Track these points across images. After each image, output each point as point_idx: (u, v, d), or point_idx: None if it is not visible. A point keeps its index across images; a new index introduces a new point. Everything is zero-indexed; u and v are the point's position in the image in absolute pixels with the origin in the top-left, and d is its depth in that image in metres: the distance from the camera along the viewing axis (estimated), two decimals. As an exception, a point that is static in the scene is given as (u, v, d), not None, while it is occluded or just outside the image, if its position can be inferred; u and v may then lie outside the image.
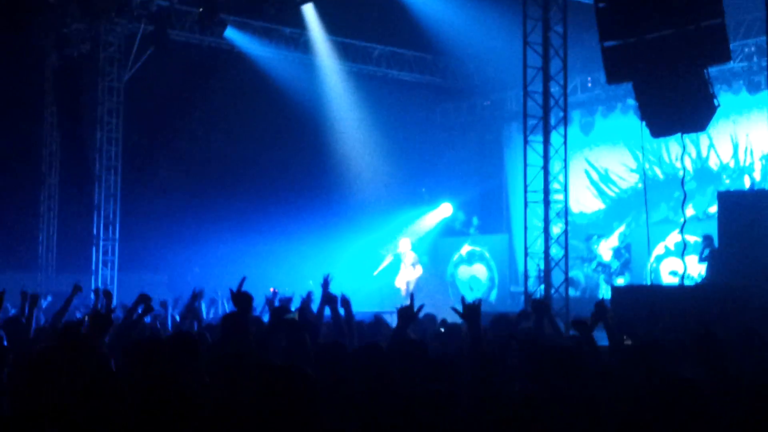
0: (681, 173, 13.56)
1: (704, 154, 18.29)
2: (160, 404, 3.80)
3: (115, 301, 9.33)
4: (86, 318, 7.73)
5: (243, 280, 5.28)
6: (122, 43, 19.08)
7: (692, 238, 15.89)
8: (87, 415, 3.94)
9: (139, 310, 7.36)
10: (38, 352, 5.34)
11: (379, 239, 21.98)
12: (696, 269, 15.50)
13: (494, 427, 3.92)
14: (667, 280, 16.64)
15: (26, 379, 4.75)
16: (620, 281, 17.26)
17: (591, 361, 5.24)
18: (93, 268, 18.78)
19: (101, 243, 18.92)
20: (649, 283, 16.30)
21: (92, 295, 12.47)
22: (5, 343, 6.01)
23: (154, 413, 3.77)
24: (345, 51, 20.65)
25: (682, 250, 14.89)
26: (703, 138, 17.57)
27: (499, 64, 19.36)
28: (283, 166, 21.44)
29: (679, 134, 12.10)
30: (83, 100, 19.23)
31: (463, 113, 22.92)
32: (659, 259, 17.61)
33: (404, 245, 19.46)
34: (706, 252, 14.87)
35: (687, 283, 12.74)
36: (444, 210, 22.66)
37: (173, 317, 10.04)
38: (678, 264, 15.04)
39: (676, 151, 18.21)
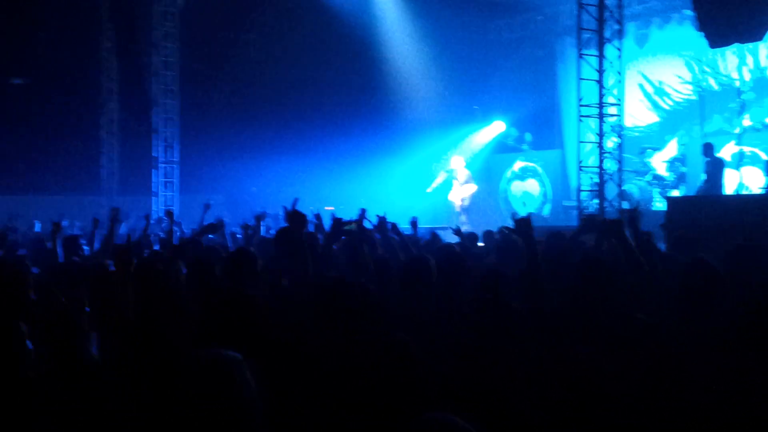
0: (738, 83, 13.47)
1: (762, 63, 17.95)
2: (224, 316, 3.95)
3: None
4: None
5: (296, 201, 5.40)
6: (176, -32, 19.24)
7: (749, 149, 15.80)
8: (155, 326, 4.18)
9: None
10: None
11: (431, 157, 22.12)
12: (754, 181, 15.47)
13: (545, 339, 3.98)
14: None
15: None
16: (675, 193, 17.23)
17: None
18: (154, 190, 19.29)
19: (161, 165, 19.37)
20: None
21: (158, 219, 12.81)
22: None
23: (218, 325, 3.92)
24: (395, -32, 20.52)
25: (739, 160, 14.89)
26: (761, 47, 17.25)
27: (552, -23, 19.12)
28: (336, 86, 21.57)
29: (736, 44, 11.93)
30: (139, 26, 19.47)
31: (516, 29, 22.66)
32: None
33: (456, 162, 19.55)
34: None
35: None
36: (496, 127, 22.66)
37: (233, 235, 10.39)
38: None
39: (733, 62, 17.95)
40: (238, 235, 10.41)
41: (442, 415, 2.27)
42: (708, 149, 14.71)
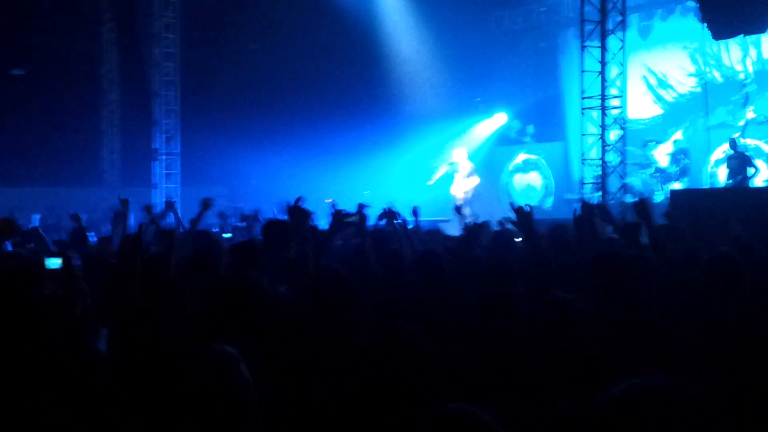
0: (742, 76, 13.40)
1: (765, 55, 17.86)
2: (231, 307, 3.94)
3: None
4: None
5: (299, 199, 5.39)
6: (177, -43, 19.14)
7: (753, 142, 15.73)
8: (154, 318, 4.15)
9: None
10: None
11: (433, 149, 22.04)
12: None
13: (548, 335, 3.94)
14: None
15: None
16: (678, 186, 17.19)
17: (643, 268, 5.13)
18: (156, 181, 19.24)
19: (162, 157, 19.31)
20: (707, 187, 16.22)
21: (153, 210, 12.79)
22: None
23: (221, 315, 3.93)
24: (397, -40, 20.42)
25: (742, 151, 14.82)
26: (764, 39, 17.16)
27: (555, -31, 19.01)
28: (338, 77, 21.49)
29: (740, 36, 11.87)
30: (140, 16, 19.40)
31: (518, 21, 22.56)
32: (718, 163, 17.47)
33: (459, 155, 19.46)
34: None
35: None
36: (499, 119, 22.58)
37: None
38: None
39: (736, 54, 17.85)
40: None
41: (463, 407, 2.20)
42: (734, 143, 14.65)
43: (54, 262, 4.81)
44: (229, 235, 10.25)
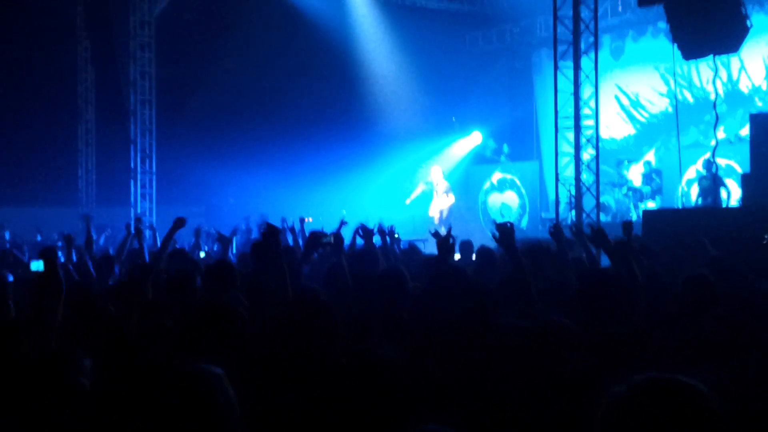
0: (713, 96, 13.58)
1: (735, 76, 18.15)
2: (205, 328, 3.95)
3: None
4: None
5: (287, 221, 5.43)
6: (152, -23, 19.13)
7: (724, 161, 15.94)
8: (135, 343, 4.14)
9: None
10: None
11: (409, 168, 22.13)
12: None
13: (531, 352, 3.92)
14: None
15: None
16: (651, 205, 17.37)
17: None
18: (132, 201, 19.15)
19: (139, 176, 19.24)
20: (680, 206, 16.39)
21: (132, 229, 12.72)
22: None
23: (199, 337, 3.91)
24: (373, -20, 20.53)
25: (714, 172, 14.99)
26: (734, 60, 17.43)
27: (528, -11, 19.20)
28: (314, 96, 21.54)
29: (710, 56, 12.05)
30: (116, 36, 19.35)
31: (493, 41, 22.76)
32: (690, 182, 17.67)
33: (436, 174, 19.57)
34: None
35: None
36: (474, 138, 22.72)
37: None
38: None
39: (707, 75, 18.11)
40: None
41: (438, 428, 2.22)
42: (710, 165, 14.83)
43: (38, 265, 4.82)
44: (203, 254, 10.23)
